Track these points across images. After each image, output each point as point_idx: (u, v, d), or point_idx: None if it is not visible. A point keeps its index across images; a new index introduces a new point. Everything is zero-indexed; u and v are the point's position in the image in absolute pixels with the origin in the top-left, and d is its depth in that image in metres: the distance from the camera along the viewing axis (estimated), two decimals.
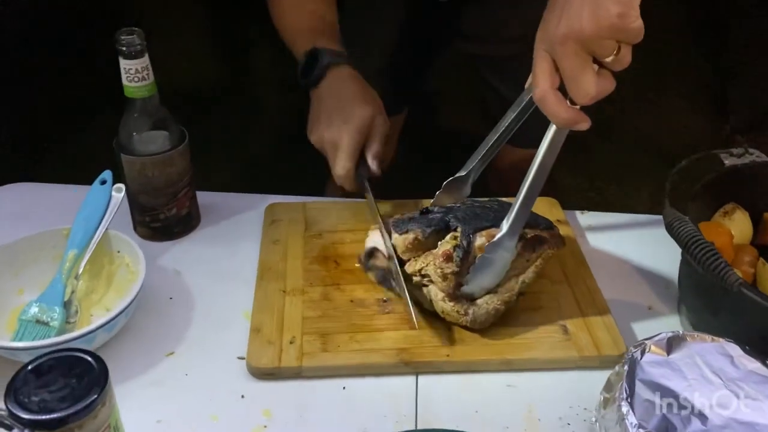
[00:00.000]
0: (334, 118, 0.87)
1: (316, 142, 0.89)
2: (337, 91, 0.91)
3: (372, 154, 0.88)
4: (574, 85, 0.60)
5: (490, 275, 0.76)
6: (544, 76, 0.62)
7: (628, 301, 0.86)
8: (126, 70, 0.82)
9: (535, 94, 0.63)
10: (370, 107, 0.88)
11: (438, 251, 0.77)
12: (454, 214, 0.81)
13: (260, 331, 0.78)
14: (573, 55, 0.59)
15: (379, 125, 0.88)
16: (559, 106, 0.62)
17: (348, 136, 0.86)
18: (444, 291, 0.76)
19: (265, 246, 0.91)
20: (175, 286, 0.86)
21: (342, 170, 0.86)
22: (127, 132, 0.86)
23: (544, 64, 0.62)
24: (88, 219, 0.83)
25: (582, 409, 0.73)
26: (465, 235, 0.76)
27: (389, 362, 0.75)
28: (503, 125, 0.80)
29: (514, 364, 0.76)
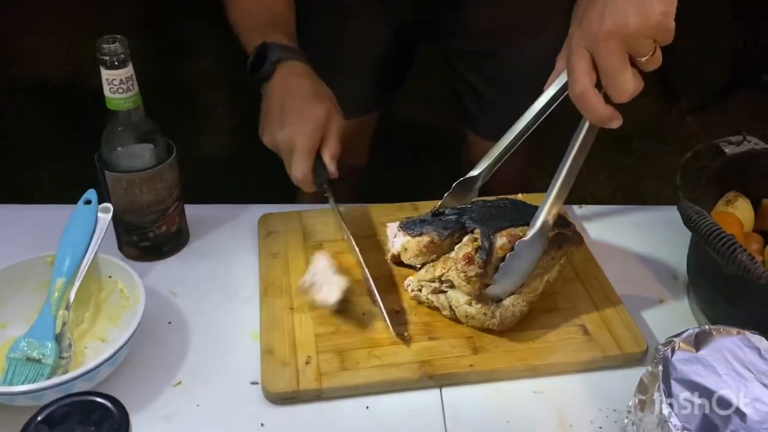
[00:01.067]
0: (288, 117, 0.82)
1: (270, 143, 0.84)
2: (288, 88, 0.85)
3: (329, 155, 0.83)
4: (615, 82, 0.61)
5: (518, 275, 0.74)
6: (584, 73, 0.63)
7: (638, 295, 0.85)
8: (108, 81, 0.76)
9: (574, 89, 0.63)
10: (323, 105, 0.83)
11: (458, 255, 0.74)
12: (468, 215, 0.78)
13: (272, 353, 0.73)
14: (616, 52, 0.60)
15: (334, 124, 0.83)
16: (598, 102, 0.63)
17: (302, 137, 0.80)
18: (469, 294, 0.73)
19: (264, 260, 0.86)
20: (172, 309, 0.81)
21: (299, 173, 0.81)
22: (110, 147, 0.80)
23: (583, 61, 0.63)
24: (74, 244, 0.77)
25: (612, 411, 0.71)
26: (485, 236, 0.74)
27: (412, 377, 0.72)
28: (519, 126, 0.77)
29: (539, 370, 0.74)
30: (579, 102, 0.64)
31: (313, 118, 0.82)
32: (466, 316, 0.76)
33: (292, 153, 0.81)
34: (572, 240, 0.78)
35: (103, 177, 0.81)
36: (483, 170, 0.80)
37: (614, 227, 0.97)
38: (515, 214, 0.78)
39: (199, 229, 0.93)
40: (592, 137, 0.68)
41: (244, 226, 0.94)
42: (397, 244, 0.82)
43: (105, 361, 0.66)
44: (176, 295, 0.83)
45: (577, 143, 0.69)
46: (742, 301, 0.74)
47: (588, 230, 0.96)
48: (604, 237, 0.95)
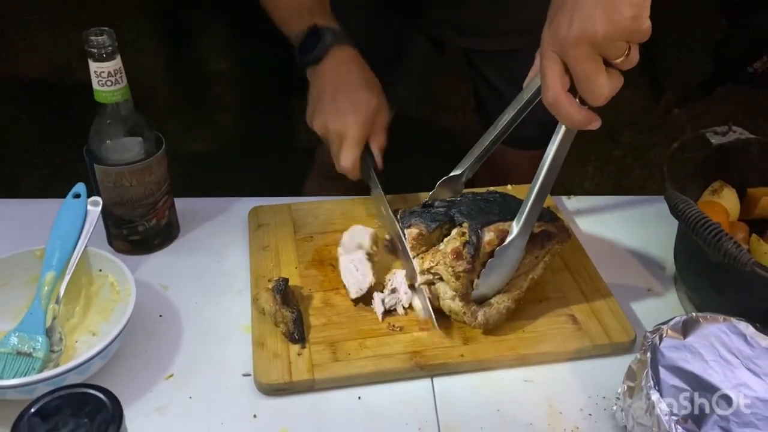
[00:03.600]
0: (341, 105, 0.83)
1: (320, 129, 0.86)
2: (341, 74, 0.86)
3: (378, 147, 0.85)
4: (588, 87, 0.60)
5: (501, 276, 0.75)
6: (555, 78, 0.61)
7: (626, 284, 0.86)
8: (97, 74, 0.75)
9: (547, 97, 0.62)
10: (375, 96, 0.85)
11: (446, 249, 0.75)
12: (457, 208, 0.78)
13: (264, 345, 0.73)
14: (586, 57, 0.58)
15: (383, 115, 0.85)
16: (572, 109, 0.61)
17: (355, 127, 0.82)
18: (457, 291, 0.74)
19: (254, 253, 0.86)
20: (164, 302, 0.81)
21: (348, 162, 0.83)
22: (99, 140, 0.80)
23: (555, 66, 0.61)
24: (64, 237, 0.76)
25: (601, 398, 0.72)
26: (473, 231, 0.74)
27: (403, 367, 0.72)
28: (500, 124, 0.78)
29: (528, 359, 0.75)
30: (552, 109, 0.62)
31: (366, 108, 0.83)
32: (450, 311, 0.76)
33: (342, 141, 0.83)
34: (557, 237, 0.78)
35: (92, 170, 0.81)
36: (465, 168, 0.81)
37: (603, 218, 0.98)
38: (504, 208, 0.78)
39: (189, 223, 0.93)
40: (571, 138, 0.67)
41: (234, 219, 0.94)
42: None
43: (97, 354, 0.66)
44: (167, 288, 0.83)
45: (555, 145, 0.67)
46: (728, 288, 0.76)
47: (577, 221, 0.97)
48: (593, 228, 0.96)
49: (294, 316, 0.74)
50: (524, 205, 0.72)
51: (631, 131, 2.45)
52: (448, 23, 1.10)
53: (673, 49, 2.69)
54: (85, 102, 0.79)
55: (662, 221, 0.91)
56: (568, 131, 0.67)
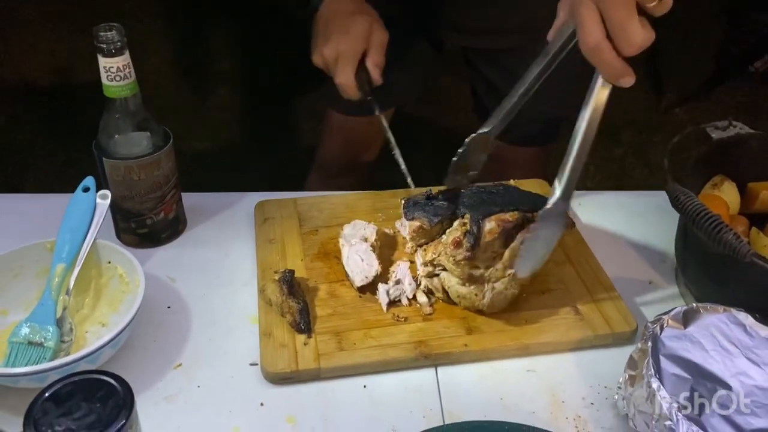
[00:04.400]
0: (332, 32, 0.88)
1: (317, 60, 0.90)
2: (333, 10, 0.91)
3: (372, 62, 0.88)
4: (623, 34, 0.60)
5: (544, 246, 0.72)
6: (596, 25, 0.61)
7: (628, 277, 0.87)
8: (106, 69, 0.76)
9: (587, 43, 0.62)
10: (365, 18, 0.89)
11: (447, 239, 0.76)
12: (460, 200, 0.80)
13: (271, 335, 0.75)
14: (620, 3, 0.59)
15: (376, 34, 0.89)
16: (612, 54, 0.62)
17: (346, 45, 0.87)
18: (460, 278, 0.75)
19: (261, 246, 0.87)
20: (172, 294, 0.82)
21: (342, 78, 0.87)
22: (108, 134, 0.81)
23: (593, 13, 0.62)
24: (73, 230, 0.78)
25: (603, 388, 0.73)
26: (474, 221, 0.75)
27: (408, 356, 0.73)
28: (527, 80, 0.74)
29: (531, 349, 0.76)
30: (593, 55, 0.62)
31: (356, 28, 0.88)
32: (458, 296, 0.77)
33: (337, 61, 0.87)
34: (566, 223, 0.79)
35: (100, 164, 0.82)
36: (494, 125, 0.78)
37: (605, 212, 0.99)
38: (506, 199, 0.79)
39: (196, 217, 0.94)
40: (606, 96, 0.66)
41: (241, 213, 0.95)
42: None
43: (107, 342, 0.67)
44: (175, 280, 0.84)
45: (591, 104, 0.66)
46: (728, 279, 0.77)
47: (579, 215, 0.98)
48: (594, 221, 0.97)
49: (300, 306, 0.75)
50: (564, 167, 0.69)
51: (632, 130, 2.46)
52: (446, 22, 1.11)
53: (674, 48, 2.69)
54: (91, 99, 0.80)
55: (663, 215, 0.92)
56: (602, 89, 0.66)
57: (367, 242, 0.83)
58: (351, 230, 0.86)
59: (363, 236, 0.84)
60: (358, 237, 0.84)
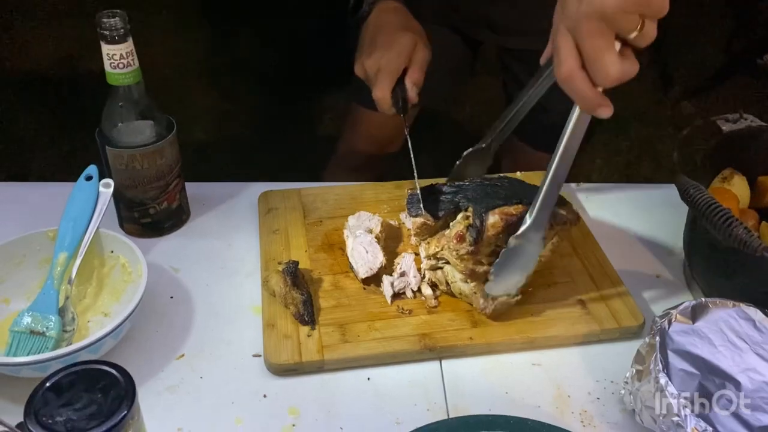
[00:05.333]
0: (377, 46, 0.87)
1: (359, 70, 0.89)
2: (381, 22, 0.90)
3: (411, 80, 0.87)
4: (597, 65, 0.57)
5: (517, 272, 0.73)
6: (569, 53, 0.59)
7: (635, 270, 0.87)
8: (109, 56, 0.76)
9: (560, 73, 0.59)
10: (410, 35, 0.87)
11: (451, 233, 0.75)
12: (464, 193, 0.79)
13: (274, 326, 0.74)
14: (595, 32, 0.56)
15: (419, 52, 0.87)
16: (585, 85, 0.59)
17: (387, 60, 0.85)
18: (462, 272, 0.74)
19: (264, 236, 0.87)
20: (174, 284, 0.82)
21: (380, 93, 0.85)
22: (111, 123, 0.80)
23: (568, 41, 0.59)
24: (76, 219, 0.77)
25: (609, 382, 0.73)
26: (477, 215, 0.74)
27: (412, 349, 0.73)
28: (522, 97, 0.77)
29: (537, 343, 0.75)
30: (565, 85, 0.60)
31: (400, 44, 0.86)
32: (460, 293, 0.76)
33: (377, 74, 0.86)
34: (566, 218, 0.78)
35: (103, 153, 0.81)
36: (491, 141, 0.80)
37: (612, 205, 0.98)
38: (510, 192, 0.78)
39: (199, 207, 0.93)
40: (585, 124, 0.64)
41: (244, 203, 0.95)
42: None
43: (109, 332, 0.66)
44: (178, 271, 0.83)
45: (568, 131, 0.65)
46: (737, 274, 0.76)
47: (586, 208, 0.97)
48: (601, 215, 0.96)
49: (304, 297, 0.75)
50: (536, 197, 0.70)
51: (639, 123, 2.44)
52: (482, 21, 1.10)
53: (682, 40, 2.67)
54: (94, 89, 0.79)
55: (671, 208, 0.92)
56: (581, 117, 0.64)
57: (372, 234, 0.82)
58: (355, 221, 0.85)
59: (368, 228, 0.83)
60: (363, 228, 0.83)
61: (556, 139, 1.03)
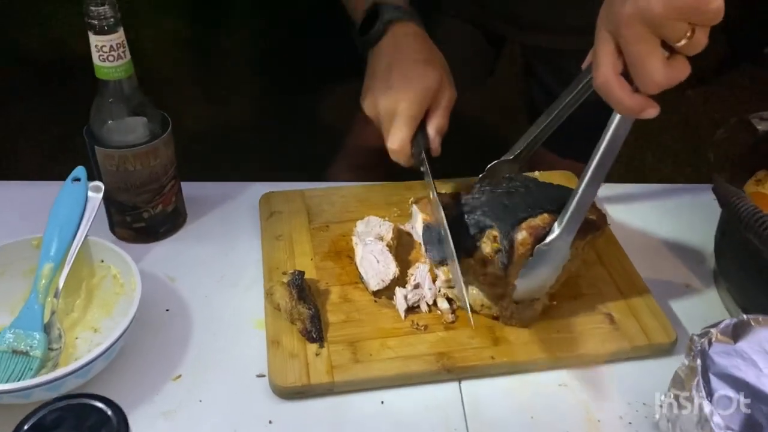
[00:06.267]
0: (394, 81, 0.75)
1: (369, 108, 0.77)
2: (398, 49, 0.78)
3: (434, 128, 0.75)
4: (640, 71, 0.53)
5: (542, 279, 0.69)
6: (607, 59, 0.54)
7: (662, 279, 0.81)
8: (98, 48, 0.69)
9: (596, 79, 0.55)
10: (435, 71, 0.76)
11: (476, 258, 0.69)
12: (481, 210, 0.71)
13: (280, 344, 0.68)
14: (639, 38, 0.52)
15: (444, 94, 0.76)
16: (622, 93, 0.54)
17: (406, 103, 0.73)
18: (492, 299, 0.69)
19: (267, 242, 0.80)
20: (170, 295, 0.75)
21: (396, 143, 0.74)
22: (100, 120, 0.74)
23: (607, 46, 0.54)
24: (62, 225, 0.71)
25: (641, 405, 0.67)
26: (505, 235, 0.68)
27: (429, 370, 0.67)
28: (556, 108, 0.72)
29: (564, 362, 0.70)
30: (602, 92, 0.56)
31: (422, 83, 0.74)
32: (482, 306, 0.71)
33: (393, 120, 0.74)
34: (597, 225, 0.72)
35: (92, 153, 0.75)
36: (519, 153, 0.75)
37: (632, 207, 0.92)
38: (530, 200, 0.71)
39: (196, 209, 0.87)
40: (627, 128, 0.60)
41: (245, 205, 0.88)
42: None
43: (99, 356, 0.60)
44: (174, 280, 0.77)
45: (608, 135, 0.60)
46: None
47: (608, 210, 0.91)
48: (622, 217, 0.90)
49: (311, 312, 0.69)
50: (569, 205, 0.65)
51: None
52: (509, 15, 1.01)
53: None
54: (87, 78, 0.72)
55: (697, 211, 0.87)
56: (622, 120, 0.60)
57: (383, 241, 0.76)
58: (365, 227, 0.79)
59: (378, 234, 0.77)
60: (373, 235, 0.77)
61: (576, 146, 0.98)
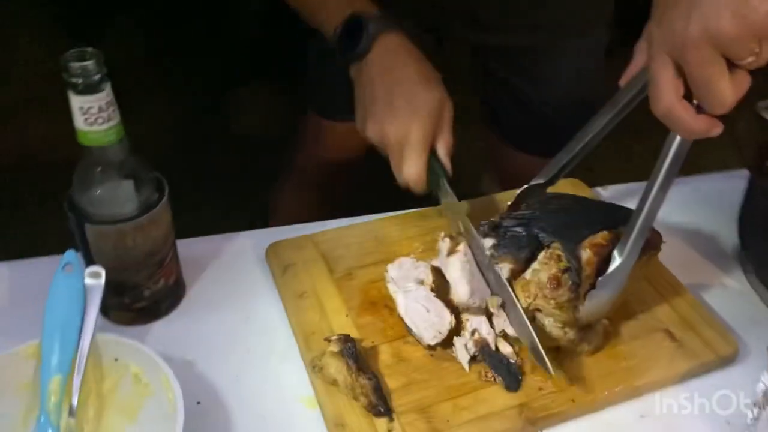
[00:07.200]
0: (398, 106, 0.72)
1: (377, 137, 0.73)
2: (393, 69, 0.74)
3: (444, 150, 0.73)
4: (710, 95, 0.50)
5: (606, 305, 0.66)
6: (669, 86, 0.52)
7: (699, 283, 0.79)
8: (83, 110, 0.57)
9: (658, 108, 0.52)
10: (438, 90, 0.74)
11: (542, 279, 0.64)
12: (537, 225, 0.67)
13: (345, 426, 0.60)
14: (708, 61, 0.49)
15: (447, 111, 0.74)
16: (689, 118, 0.52)
17: (418, 130, 0.71)
18: (565, 323, 0.64)
19: (290, 303, 0.71)
20: (196, 383, 0.65)
21: (413, 173, 0.71)
22: (88, 193, 0.62)
23: (668, 71, 0.51)
24: (63, 326, 0.59)
25: (726, 424, 0.65)
26: (570, 253, 0.64)
27: (514, 427, 0.62)
28: (593, 129, 0.68)
29: (640, 390, 0.66)
30: (666, 120, 0.53)
31: (428, 107, 0.72)
32: (550, 338, 0.66)
33: (404, 148, 0.71)
34: (653, 244, 0.69)
35: (80, 231, 0.63)
36: (551, 177, 0.71)
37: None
38: (588, 216, 0.69)
39: (191, 273, 0.76)
40: (686, 149, 0.58)
41: (246, 259, 0.79)
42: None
43: None
44: (194, 363, 0.67)
45: (668, 161, 0.58)
46: None
47: None
48: None
49: (373, 383, 0.61)
50: (632, 225, 0.62)
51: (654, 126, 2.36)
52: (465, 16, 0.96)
53: None
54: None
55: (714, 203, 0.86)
56: (682, 143, 0.58)
57: (425, 285, 0.69)
58: (398, 272, 0.72)
59: (417, 278, 0.70)
60: (412, 280, 0.70)
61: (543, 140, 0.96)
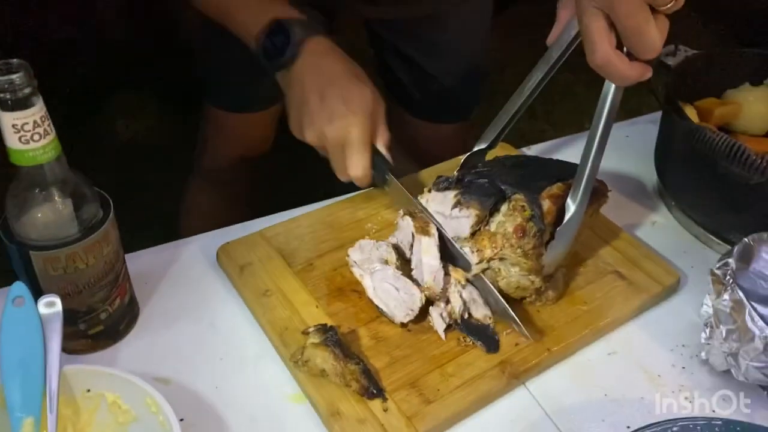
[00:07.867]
0: (333, 107, 0.72)
1: (315, 139, 0.74)
2: (323, 71, 0.75)
3: (383, 142, 0.75)
4: (640, 41, 0.55)
5: (564, 253, 0.69)
6: (603, 38, 0.56)
7: (630, 223, 0.85)
8: (16, 128, 0.52)
9: (595, 59, 0.56)
10: (368, 87, 0.75)
11: (507, 229, 0.66)
12: (499, 178, 0.70)
13: (341, 414, 0.60)
14: (636, 9, 0.54)
15: (380, 106, 0.75)
16: (624, 66, 0.56)
17: (357, 129, 0.72)
18: (530, 271, 0.66)
19: (255, 303, 0.69)
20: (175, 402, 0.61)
21: (360, 170, 0.73)
22: (27, 218, 0.57)
23: (599, 23, 0.56)
24: (24, 364, 0.54)
25: (682, 347, 0.71)
26: (534, 203, 0.66)
27: (500, 385, 0.63)
28: (527, 88, 0.71)
29: (604, 329, 0.70)
30: (603, 71, 0.57)
31: (362, 104, 0.73)
32: (518, 288, 0.69)
33: (346, 148, 0.72)
34: (601, 191, 0.73)
35: (23, 260, 0.58)
36: (492, 141, 0.74)
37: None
38: (543, 170, 0.72)
39: (141, 287, 0.72)
40: (620, 96, 0.61)
41: (198, 263, 0.76)
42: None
43: None
44: (168, 382, 0.64)
45: (606, 109, 0.61)
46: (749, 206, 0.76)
47: None
48: None
49: (362, 367, 0.61)
50: (578, 180, 0.65)
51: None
52: None
53: None
54: None
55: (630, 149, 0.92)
56: (618, 88, 0.61)
57: (391, 265, 0.70)
58: (360, 255, 0.71)
59: (381, 258, 0.71)
60: (375, 261, 0.70)
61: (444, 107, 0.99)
